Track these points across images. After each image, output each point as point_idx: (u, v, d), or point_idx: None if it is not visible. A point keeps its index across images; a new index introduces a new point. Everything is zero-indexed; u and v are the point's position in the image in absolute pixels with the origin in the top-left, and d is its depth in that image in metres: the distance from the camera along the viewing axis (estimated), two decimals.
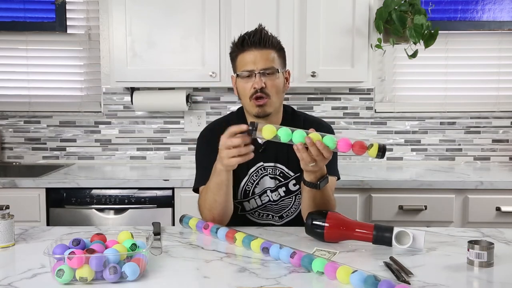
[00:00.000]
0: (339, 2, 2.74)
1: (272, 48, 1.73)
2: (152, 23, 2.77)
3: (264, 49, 1.71)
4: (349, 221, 1.54)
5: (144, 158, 3.19)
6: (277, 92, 1.74)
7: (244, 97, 1.75)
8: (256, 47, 1.71)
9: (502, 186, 2.58)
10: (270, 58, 1.72)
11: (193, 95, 3.13)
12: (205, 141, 1.86)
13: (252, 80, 1.71)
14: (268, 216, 1.86)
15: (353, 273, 1.21)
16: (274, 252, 1.39)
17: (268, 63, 1.71)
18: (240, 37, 1.74)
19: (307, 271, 1.31)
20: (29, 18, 3.16)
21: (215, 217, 1.68)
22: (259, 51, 1.71)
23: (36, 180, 2.61)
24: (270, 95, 1.71)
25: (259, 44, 1.71)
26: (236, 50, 1.75)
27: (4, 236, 1.50)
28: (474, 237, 1.55)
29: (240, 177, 1.80)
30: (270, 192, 1.82)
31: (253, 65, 1.71)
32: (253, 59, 1.71)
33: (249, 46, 1.71)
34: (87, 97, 3.20)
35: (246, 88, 1.73)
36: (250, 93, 1.72)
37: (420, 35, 2.65)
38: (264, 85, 1.70)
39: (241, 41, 1.73)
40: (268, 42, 1.72)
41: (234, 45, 1.77)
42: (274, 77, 1.72)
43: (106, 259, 1.22)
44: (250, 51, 1.71)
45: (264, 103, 1.71)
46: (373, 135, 3.16)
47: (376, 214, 2.58)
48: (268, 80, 1.71)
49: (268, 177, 1.81)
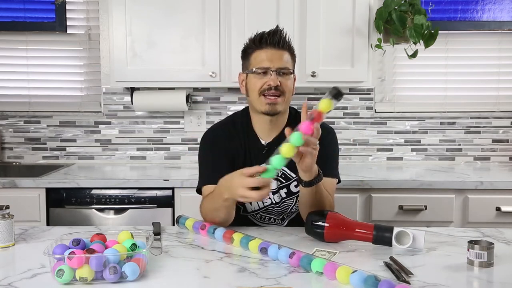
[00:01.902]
0: (339, 2, 2.74)
1: (288, 50, 1.76)
2: (152, 23, 2.77)
3: (281, 50, 1.73)
4: (349, 221, 1.54)
5: (144, 158, 3.19)
6: (289, 92, 1.76)
7: (254, 93, 1.75)
8: (274, 47, 1.72)
9: (502, 186, 2.58)
10: (286, 59, 1.74)
11: (193, 95, 3.13)
12: (208, 142, 1.85)
13: (267, 77, 1.72)
14: (270, 220, 1.86)
15: (353, 273, 1.20)
16: (272, 253, 1.39)
17: (284, 63, 1.73)
18: (258, 34, 1.75)
19: (307, 271, 1.31)
20: (29, 18, 3.16)
21: (216, 224, 1.67)
22: (276, 51, 1.72)
23: (36, 180, 2.61)
24: (285, 93, 1.73)
25: (278, 44, 1.72)
26: (253, 46, 1.76)
27: (4, 236, 1.50)
28: (474, 237, 1.55)
29: None
30: (272, 194, 1.81)
31: (269, 63, 1.72)
32: (270, 57, 1.72)
33: (267, 44, 1.72)
34: (87, 97, 3.20)
35: (258, 84, 1.73)
36: (262, 89, 1.72)
37: (420, 35, 2.65)
38: (279, 83, 1.71)
39: (259, 39, 1.74)
40: (285, 44, 1.74)
41: (251, 41, 1.77)
42: (288, 77, 1.74)
43: (106, 259, 1.22)
44: (268, 50, 1.73)
45: (275, 101, 1.72)
46: (373, 135, 3.16)
47: (376, 214, 2.58)
48: (283, 80, 1.72)
49: None
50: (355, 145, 3.17)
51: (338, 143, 1.89)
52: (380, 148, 3.17)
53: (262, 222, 1.86)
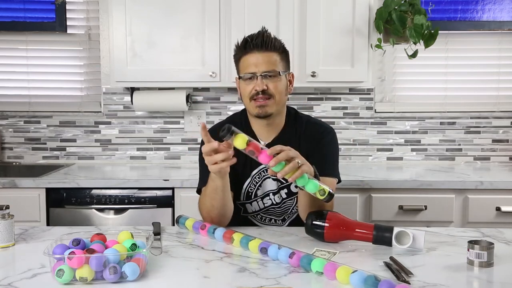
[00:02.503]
0: (339, 2, 2.74)
1: (275, 51, 1.73)
2: (152, 23, 2.77)
3: (267, 52, 1.72)
4: (349, 221, 1.54)
5: (144, 158, 3.19)
6: (279, 94, 1.73)
7: (245, 99, 1.76)
8: (258, 50, 1.71)
9: (502, 186, 2.58)
10: (272, 61, 1.72)
11: (193, 95, 3.13)
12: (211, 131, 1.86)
13: (254, 82, 1.71)
14: (270, 221, 1.86)
15: (353, 273, 1.20)
16: (272, 253, 1.39)
17: (270, 66, 1.71)
18: (243, 39, 1.75)
19: (307, 272, 1.31)
20: (29, 18, 3.16)
21: (213, 219, 1.68)
22: (261, 54, 1.71)
23: (36, 180, 2.61)
24: (274, 95, 1.72)
25: (261, 46, 1.71)
26: (239, 52, 1.76)
27: (4, 236, 1.50)
28: (474, 237, 1.55)
29: (243, 179, 1.80)
30: (273, 195, 1.82)
31: (255, 68, 1.71)
32: (255, 61, 1.71)
33: (252, 48, 1.72)
34: (87, 97, 3.20)
35: (247, 90, 1.73)
36: (251, 95, 1.72)
37: (420, 35, 2.65)
38: (266, 87, 1.70)
39: (244, 44, 1.74)
40: (270, 45, 1.72)
41: (237, 47, 1.77)
42: (276, 79, 1.72)
43: (106, 259, 1.22)
44: (253, 54, 1.72)
45: (264, 104, 1.71)
46: (373, 135, 3.16)
47: (376, 214, 2.58)
48: (270, 83, 1.71)
49: (270, 179, 1.81)
50: (355, 145, 3.17)
51: (338, 143, 1.89)
52: (380, 148, 3.17)
53: (262, 223, 1.86)
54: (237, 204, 1.80)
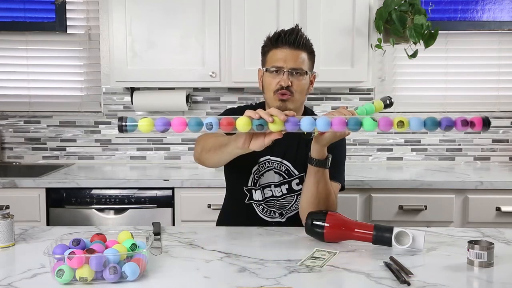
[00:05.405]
0: (339, 2, 2.74)
1: (305, 50, 1.76)
2: (152, 23, 2.77)
3: (297, 50, 1.74)
4: (349, 221, 1.54)
5: (144, 158, 3.19)
6: (301, 92, 1.76)
7: (268, 91, 1.77)
8: (289, 46, 1.73)
9: (502, 186, 2.58)
10: (301, 59, 1.75)
11: (193, 95, 3.13)
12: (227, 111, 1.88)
13: (280, 76, 1.73)
14: (271, 213, 1.87)
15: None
16: (306, 125, 1.33)
17: (298, 63, 1.74)
18: (276, 33, 1.77)
19: (308, 267, 1.31)
20: (29, 18, 3.16)
21: (208, 153, 1.68)
22: (291, 51, 1.73)
23: (36, 180, 2.61)
24: (294, 93, 1.74)
25: (293, 44, 1.73)
26: (270, 45, 1.78)
27: (4, 236, 1.50)
28: (474, 237, 1.55)
29: (252, 164, 1.83)
30: (274, 187, 1.84)
31: (283, 63, 1.73)
32: (285, 57, 1.73)
33: (283, 44, 1.74)
34: (87, 97, 3.20)
35: (272, 83, 1.75)
36: (275, 88, 1.74)
37: (420, 35, 2.65)
38: (290, 84, 1.72)
39: (276, 38, 1.75)
40: (302, 44, 1.74)
41: (268, 39, 1.79)
42: (301, 78, 1.75)
43: (106, 259, 1.22)
44: (283, 49, 1.74)
45: (287, 99, 1.73)
46: (373, 135, 3.16)
47: (376, 214, 2.58)
48: (295, 80, 1.73)
49: (273, 171, 1.83)
50: (355, 145, 3.17)
51: (346, 149, 1.91)
52: (380, 148, 3.17)
53: (264, 215, 1.87)
54: (244, 190, 1.84)
